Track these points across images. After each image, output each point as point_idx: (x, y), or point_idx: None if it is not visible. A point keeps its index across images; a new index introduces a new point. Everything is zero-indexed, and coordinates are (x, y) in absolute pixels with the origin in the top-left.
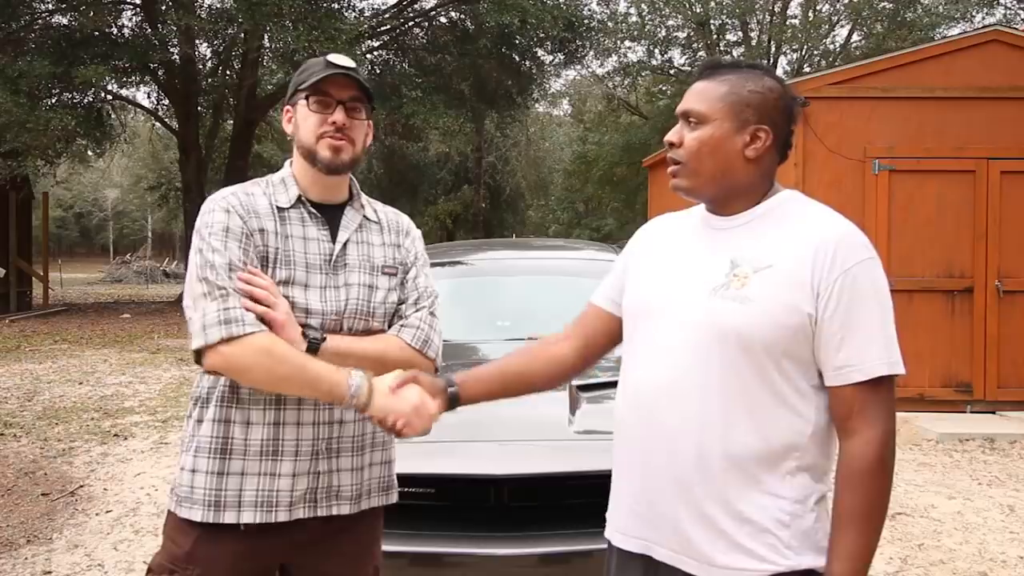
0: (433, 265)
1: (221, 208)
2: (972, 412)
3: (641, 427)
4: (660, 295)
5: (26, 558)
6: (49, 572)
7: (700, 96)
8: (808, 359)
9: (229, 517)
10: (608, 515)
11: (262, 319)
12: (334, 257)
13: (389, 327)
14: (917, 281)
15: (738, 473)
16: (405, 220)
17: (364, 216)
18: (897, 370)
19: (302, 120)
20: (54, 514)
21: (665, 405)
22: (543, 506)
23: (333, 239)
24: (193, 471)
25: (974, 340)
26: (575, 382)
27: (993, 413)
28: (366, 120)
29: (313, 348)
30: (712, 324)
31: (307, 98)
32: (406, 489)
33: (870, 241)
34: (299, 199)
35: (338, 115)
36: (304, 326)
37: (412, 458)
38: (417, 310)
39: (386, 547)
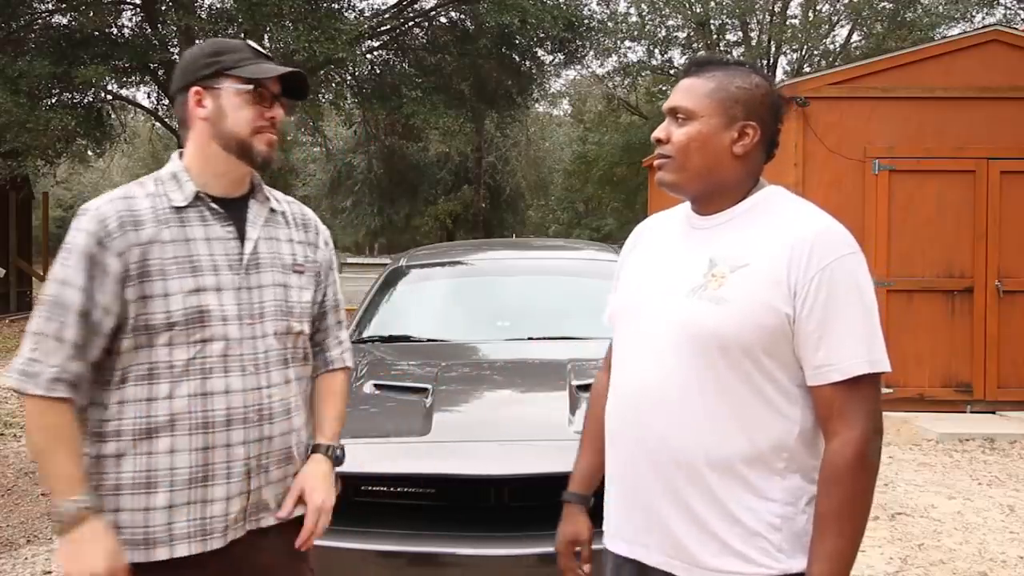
0: (433, 265)
1: (85, 228)
2: (972, 412)
3: (627, 431)
4: (642, 296)
5: (26, 558)
6: (49, 572)
7: (688, 92)
8: (791, 359)
9: (161, 553)
10: (605, 522)
11: None
12: (246, 257)
13: (316, 327)
14: (917, 281)
15: (726, 475)
16: (311, 216)
17: (270, 209)
18: (879, 368)
19: (231, 109)
20: None
21: (649, 408)
22: (543, 506)
23: (240, 236)
24: (117, 511)
25: (974, 340)
26: (575, 382)
27: (993, 413)
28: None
29: (338, 462)
30: (689, 325)
31: (255, 90)
32: (406, 489)
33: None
34: (196, 195)
35: (278, 110)
36: (320, 447)
37: (412, 458)
38: (340, 327)
39: (386, 547)
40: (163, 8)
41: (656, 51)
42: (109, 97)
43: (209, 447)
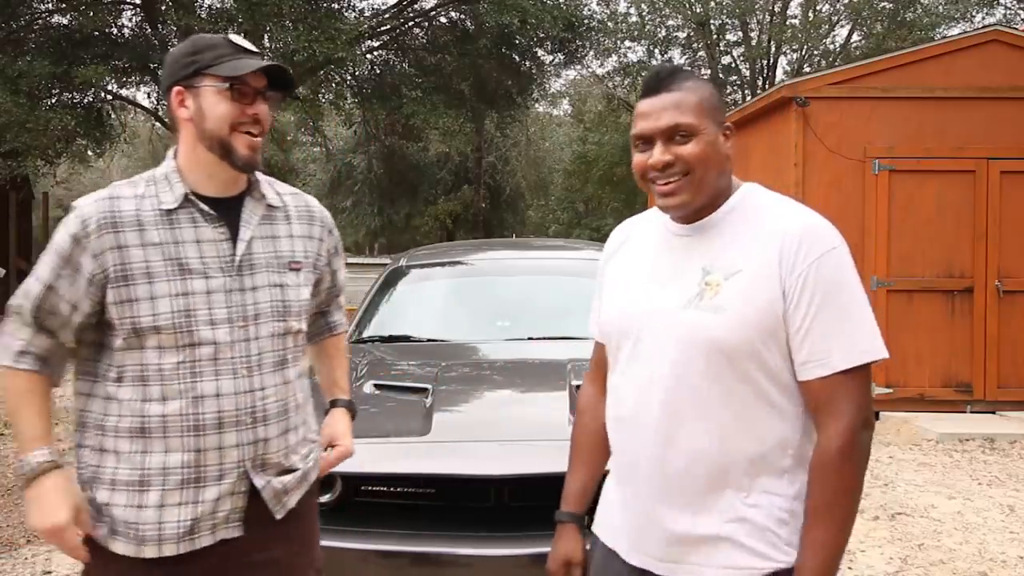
0: (433, 265)
1: (66, 227)
2: (972, 412)
3: (634, 447)
4: (634, 312)
5: (26, 558)
6: (49, 572)
7: (681, 109)
8: (787, 355)
9: (150, 551)
10: (600, 520)
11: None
12: (238, 259)
13: (316, 322)
14: (917, 281)
15: (737, 477)
16: (316, 206)
17: (267, 204)
18: (868, 358)
19: (211, 107)
20: None
21: (656, 420)
22: (543, 506)
23: (233, 237)
24: (102, 504)
25: (974, 340)
26: (574, 382)
27: (993, 413)
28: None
29: (355, 413)
30: (691, 336)
31: (229, 87)
32: (406, 489)
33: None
34: (186, 197)
35: (260, 107)
36: (339, 401)
37: (412, 458)
38: (340, 306)
39: (386, 547)
40: (163, 8)
41: (656, 51)
42: (109, 97)
43: (201, 449)
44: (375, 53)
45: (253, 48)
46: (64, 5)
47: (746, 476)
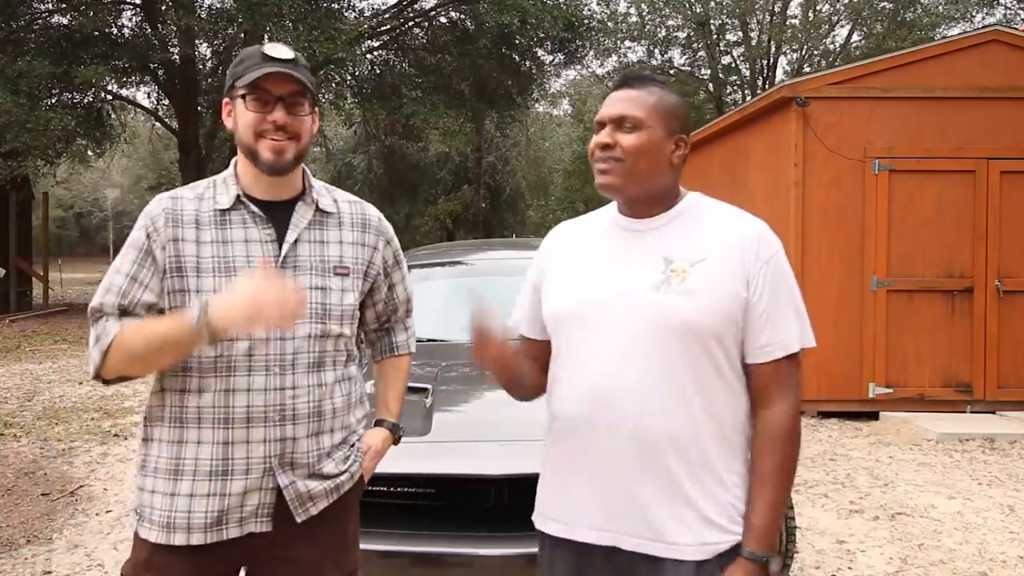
0: (433, 265)
1: (138, 224)
2: (972, 412)
3: (597, 423)
4: (591, 297)
5: (26, 558)
6: (49, 572)
7: (634, 103)
8: (740, 341)
9: (179, 539)
10: (550, 508)
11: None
12: (282, 258)
13: (366, 330)
14: (917, 281)
15: (699, 456)
16: (372, 214)
17: (318, 208)
18: (808, 343)
19: (240, 116)
20: (54, 514)
21: (626, 401)
22: None
23: (280, 239)
24: (141, 490)
25: (974, 340)
26: None
27: (993, 413)
28: (309, 115)
29: (398, 439)
30: (661, 319)
31: (243, 96)
32: (406, 489)
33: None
34: (238, 199)
35: (278, 114)
36: (384, 422)
37: (412, 458)
38: (408, 317)
39: (386, 547)
40: (163, 8)
41: (656, 51)
42: (109, 97)
43: (230, 442)
44: (375, 53)
45: (286, 55)
46: (64, 5)
47: (712, 453)
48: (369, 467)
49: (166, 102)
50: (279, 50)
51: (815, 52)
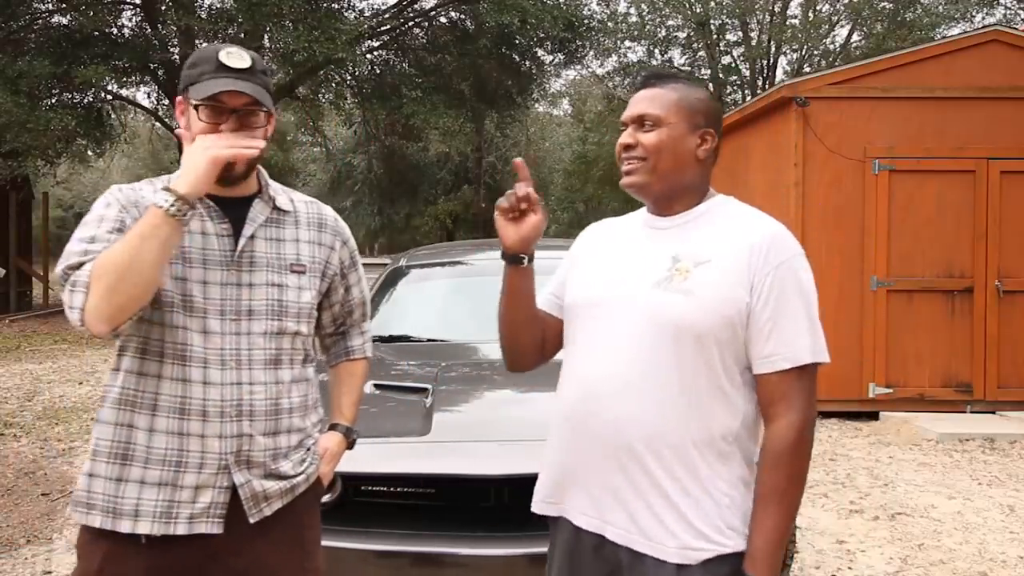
0: (433, 265)
1: (102, 203)
2: (972, 412)
3: (590, 416)
4: (603, 291)
5: (26, 558)
6: (49, 572)
7: (653, 102)
8: (742, 349)
9: (125, 526)
10: (551, 493)
11: None
12: (238, 253)
13: (325, 328)
14: (917, 281)
15: (682, 459)
16: (329, 215)
17: (275, 207)
18: (821, 358)
19: (192, 123)
20: (54, 514)
21: (612, 394)
22: None
23: (236, 234)
24: (91, 475)
25: (974, 340)
26: None
27: (993, 413)
28: (264, 125)
29: (352, 443)
30: (656, 316)
31: (196, 108)
32: (406, 489)
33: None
34: None
35: (231, 126)
36: (338, 426)
37: (412, 458)
38: (364, 321)
39: (386, 547)
40: (163, 8)
41: (656, 51)
42: (109, 97)
43: (185, 434)
44: (375, 53)
45: (242, 64)
46: (64, 5)
47: (695, 457)
48: (326, 471)
49: (166, 102)
50: (235, 58)
51: (815, 52)
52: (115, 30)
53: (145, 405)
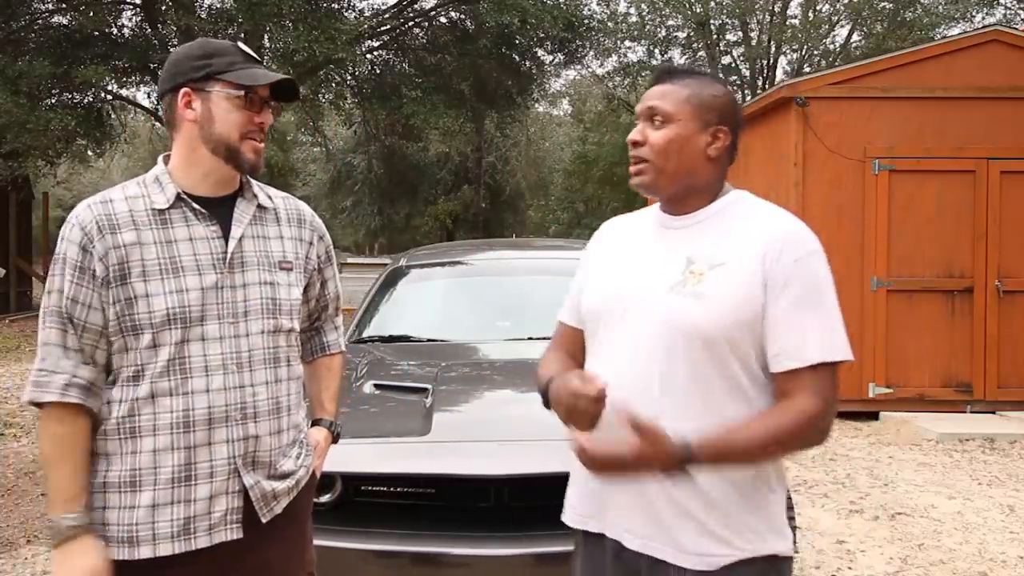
0: (433, 265)
1: (69, 238)
2: (972, 412)
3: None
4: (619, 294)
5: (26, 558)
6: (49, 572)
7: (664, 97)
8: (760, 347)
9: (144, 552)
10: (571, 503)
11: None
12: (229, 255)
13: (312, 323)
14: (917, 281)
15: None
16: (306, 211)
17: (258, 204)
18: (836, 356)
19: (221, 113)
20: None
21: (630, 399)
22: (543, 506)
23: (225, 235)
24: (104, 508)
25: (974, 340)
26: None
27: (993, 413)
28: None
29: (337, 437)
30: (671, 320)
31: (245, 95)
32: (406, 489)
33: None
34: (178, 197)
35: (267, 116)
36: (322, 421)
37: (412, 458)
38: (337, 316)
39: (386, 547)
40: (163, 8)
41: (656, 51)
42: (109, 97)
43: (191, 446)
44: (375, 53)
45: (257, 57)
46: (64, 5)
47: None
48: (318, 464)
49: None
50: (258, 47)
51: (815, 52)
52: (115, 30)
53: (144, 429)
